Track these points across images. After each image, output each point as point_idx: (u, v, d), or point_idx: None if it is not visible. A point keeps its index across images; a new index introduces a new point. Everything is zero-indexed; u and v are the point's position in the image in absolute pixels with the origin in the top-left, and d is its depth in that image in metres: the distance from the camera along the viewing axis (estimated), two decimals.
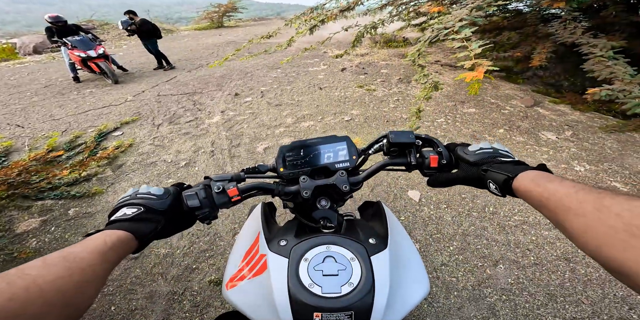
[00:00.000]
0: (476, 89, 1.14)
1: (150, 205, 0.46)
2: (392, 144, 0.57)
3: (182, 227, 0.52)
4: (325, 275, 0.44)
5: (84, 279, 0.32)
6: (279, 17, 16.17)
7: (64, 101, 4.23)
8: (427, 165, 0.55)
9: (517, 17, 3.85)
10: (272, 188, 0.58)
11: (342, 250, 0.48)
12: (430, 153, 0.55)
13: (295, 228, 0.57)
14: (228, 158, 2.62)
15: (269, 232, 0.59)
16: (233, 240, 1.80)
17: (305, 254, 0.47)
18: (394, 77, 4.45)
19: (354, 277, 0.44)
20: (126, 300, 1.45)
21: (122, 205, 0.47)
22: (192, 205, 0.49)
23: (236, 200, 0.53)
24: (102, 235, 0.38)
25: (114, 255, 0.37)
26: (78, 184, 2.33)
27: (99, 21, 11.70)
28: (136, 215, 0.44)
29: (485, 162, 0.48)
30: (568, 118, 3.05)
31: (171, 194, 0.51)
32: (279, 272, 0.46)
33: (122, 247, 0.39)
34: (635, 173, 2.18)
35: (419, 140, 0.58)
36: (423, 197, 2.02)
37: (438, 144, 0.56)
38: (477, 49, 1.14)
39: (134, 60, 6.66)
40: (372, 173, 0.59)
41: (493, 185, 0.44)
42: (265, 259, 0.50)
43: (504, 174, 0.43)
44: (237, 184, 0.54)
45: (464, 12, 1.57)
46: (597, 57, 1.89)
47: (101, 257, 0.35)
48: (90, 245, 0.36)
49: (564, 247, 1.61)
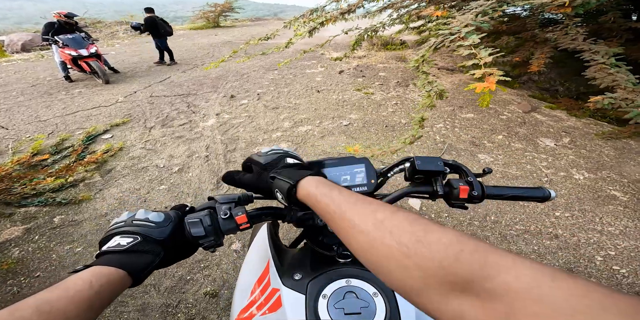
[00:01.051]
0: (488, 101, 1.10)
1: (149, 234, 0.40)
2: (418, 171, 0.53)
3: (183, 256, 0.46)
4: (347, 313, 0.40)
5: None
6: (276, 18, 16.10)
7: (52, 101, 4.08)
8: (455, 196, 0.50)
9: (515, 21, 3.86)
10: (284, 214, 0.53)
11: (364, 284, 0.44)
12: (460, 183, 0.51)
13: (309, 257, 0.53)
14: (223, 163, 2.54)
15: (280, 261, 0.54)
16: (229, 250, 1.73)
17: (324, 290, 0.43)
18: (392, 81, 4.42)
19: (378, 315, 0.40)
20: (117, 313, 1.39)
21: (116, 233, 0.41)
22: (196, 234, 0.44)
23: (245, 227, 0.47)
24: (88, 276, 0.32)
25: (102, 298, 0.31)
26: (64, 190, 2.23)
27: (92, 19, 11.44)
28: (132, 246, 0.38)
29: (275, 166, 0.46)
30: (565, 124, 3.06)
31: (172, 220, 0.45)
32: (296, 311, 0.42)
33: (113, 288, 0.33)
34: (633, 181, 2.18)
35: (447, 167, 0.53)
36: (424, 205, 1.98)
37: (467, 172, 0.52)
38: (488, 58, 1.09)
39: (126, 60, 6.50)
40: (392, 201, 0.54)
41: (280, 195, 0.42)
42: (278, 294, 0.46)
43: (287, 181, 0.41)
44: (245, 209, 0.48)
45: (469, 17, 1.53)
46: (599, 64, 1.88)
47: (85, 306, 0.29)
48: (71, 290, 0.29)
49: (566, 257, 1.59)
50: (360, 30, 3.22)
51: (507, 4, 1.86)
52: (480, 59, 1.11)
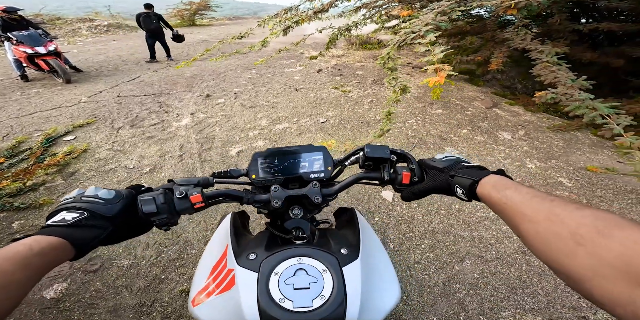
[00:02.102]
0: (438, 94, 1.20)
1: (96, 210, 0.41)
2: (368, 158, 0.57)
3: (137, 233, 0.47)
4: (296, 288, 0.43)
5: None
6: (255, 17, 15.84)
7: (5, 102, 3.76)
8: (399, 182, 0.56)
9: (479, 22, 4.12)
10: (240, 195, 0.55)
11: (314, 262, 0.47)
12: (404, 170, 0.56)
13: (266, 240, 0.55)
14: (198, 162, 2.50)
15: (238, 244, 0.56)
16: (204, 248, 1.71)
17: (276, 268, 0.46)
18: (369, 79, 4.55)
19: (325, 289, 0.43)
20: (86, 315, 1.34)
21: (62, 209, 0.41)
22: (148, 211, 0.45)
23: (199, 207, 0.50)
24: (28, 241, 0.34)
25: (41, 262, 0.33)
26: (22, 194, 2.08)
27: (49, 15, 10.58)
28: (76, 221, 0.39)
29: (452, 168, 0.50)
30: (521, 119, 3.33)
31: (123, 197, 0.46)
32: (248, 288, 0.44)
33: (54, 254, 0.35)
34: (578, 169, 2.43)
35: (394, 155, 0.58)
36: (396, 197, 2.08)
37: (412, 160, 0.57)
38: (440, 54, 1.19)
39: (90, 59, 6.12)
40: (345, 186, 0.59)
41: (460, 190, 0.46)
42: (233, 274, 0.48)
43: (469, 178, 0.45)
44: (202, 190, 0.51)
45: (429, 17, 1.64)
46: (543, 63, 2.08)
47: (21, 264, 0.31)
48: (10, 252, 0.31)
49: (519, 241, 1.73)
50: (334, 29, 3.29)
51: (465, 4, 2.00)
52: (433, 55, 1.21)
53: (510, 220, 0.36)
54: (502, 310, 1.37)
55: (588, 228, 0.27)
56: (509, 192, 0.38)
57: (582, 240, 0.26)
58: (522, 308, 1.38)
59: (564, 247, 0.28)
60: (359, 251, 0.52)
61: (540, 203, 0.33)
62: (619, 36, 3.48)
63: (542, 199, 0.34)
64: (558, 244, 0.28)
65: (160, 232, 1.78)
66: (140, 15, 5.63)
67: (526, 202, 0.34)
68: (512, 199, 0.36)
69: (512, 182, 0.41)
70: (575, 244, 0.27)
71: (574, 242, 0.27)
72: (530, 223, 0.32)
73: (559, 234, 0.28)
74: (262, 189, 0.61)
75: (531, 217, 0.33)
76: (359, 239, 0.57)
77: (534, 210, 0.33)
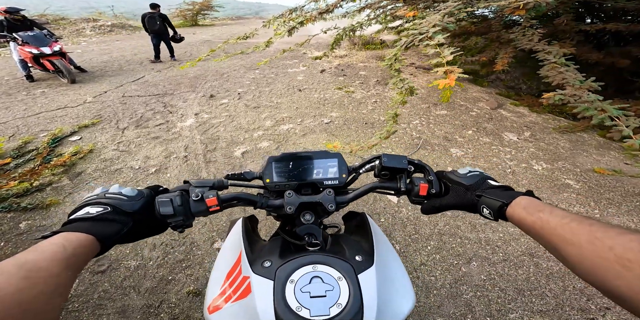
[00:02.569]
0: (448, 96, 1.20)
1: (119, 206, 0.42)
2: (384, 168, 0.57)
3: (152, 233, 0.48)
4: (312, 296, 0.43)
5: (47, 289, 0.28)
6: (257, 17, 15.86)
7: (11, 102, 3.79)
8: (416, 193, 0.55)
9: (484, 22, 4.11)
10: (254, 200, 0.55)
11: (329, 269, 0.46)
12: (421, 181, 0.55)
13: (279, 247, 0.55)
14: (203, 163, 2.50)
15: (252, 251, 0.56)
16: (211, 249, 1.72)
17: (291, 276, 0.45)
18: (372, 79, 4.54)
19: (342, 297, 0.43)
20: (95, 316, 1.35)
21: (87, 204, 0.42)
22: (165, 213, 0.46)
23: (214, 210, 0.50)
24: (60, 240, 0.34)
25: (76, 261, 0.33)
26: (29, 194, 2.10)
27: (54, 15, 10.65)
28: (100, 214, 0.40)
29: (478, 187, 0.50)
30: (527, 120, 3.31)
31: (144, 196, 0.47)
32: (264, 296, 0.44)
33: (84, 252, 0.35)
34: (585, 171, 2.42)
35: (411, 166, 0.58)
36: (402, 198, 2.08)
37: (430, 171, 0.56)
38: (449, 56, 1.19)
39: (95, 59, 6.15)
40: (359, 195, 0.58)
41: (487, 210, 0.46)
42: (248, 282, 0.48)
43: (498, 200, 0.44)
44: (217, 193, 0.51)
45: (437, 18, 1.64)
46: (551, 64, 2.07)
47: (63, 265, 0.31)
48: (48, 252, 0.31)
49: (527, 243, 1.73)
50: (339, 30, 3.29)
51: (472, 5, 1.99)
52: (442, 57, 1.20)
53: (549, 243, 0.37)
54: (509, 312, 1.36)
55: (635, 253, 0.28)
56: (544, 215, 0.38)
57: (630, 265, 0.27)
58: (530, 310, 1.37)
59: (611, 271, 0.28)
60: (373, 258, 0.52)
61: (580, 227, 0.33)
62: (624, 36, 3.46)
63: (579, 223, 0.34)
64: (604, 267, 0.29)
65: (166, 233, 1.79)
66: (145, 15, 5.64)
67: (565, 226, 0.35)
68: (549, 222, 0.37)
69: (544, 203, 0.41)
70: (623, 268, 0.28)
71: (621, 266, 0.28)
72: (573, 246, 0.33)
73: (605, 258, 0.29)
74: (275, 193, 0.60)
75: (572, 240, 0.33)
76: (372, 245, 0.56)
77: (574, 234, 0.33)
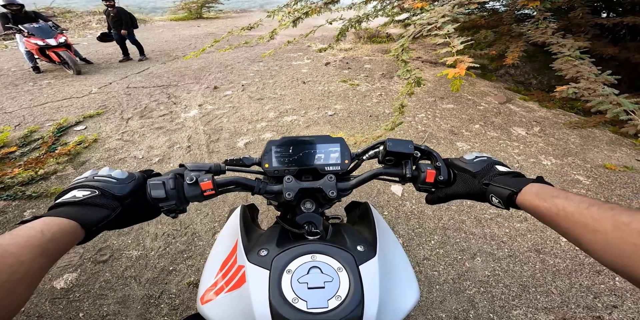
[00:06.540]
0: (458, 86, 1.16)
1: (108, 189, 0.40)
2: (389, 153, 0.53)
3: (144, 218, 0.45)
4: (310, 288, 0.40)
5: (12, 277, 0.27)
6: (262, 10, 15.63)
7: (17, 93, 3.82)
8: (422, 180, 0.51)
9: (494, 16, 3.99)
10: (252, 185, 0.53)
11: (329, 259, 0.44)
12: (428, 167, 0.52)
13: (277, 235, 0.52)
14: (206, 153, 2.50)
15: (248, 240, 0.54)
16: (213, 239, 1.72)
17: (288, 265, 0.43)
18: (377, 73, 4.46)
19: (341, 289, 0.41)
20: (96, 306, 1.35)
21: (74, 187, 0.40)
22: (156, 196, 0.43)
23: (209, 194, 0.47)
24: (39, 225, 0.32)
25: (54, 248, 0.31)
26: (34, 183, 2.11)
27: (60, 8, 10.64)
28: (87, 198, 0.37)
29: (485, 174, 0.47)
30: (536, 114, 3.23)
31: (135, 179, 0.44)
32: (259, 286, 0.41)
33: (65, 239, 0.33)
34: (595, 166, 2.35)
35: (417, 151, 0.54)
36: (405, 191, 2.05)
37: (437, 157, 0.53)
38: (459, 46, 1.14)
39: (100, 51, 6.15)
40: (362, 181, 0.55)
41: (496, 199, 0.43)
42: (243, 271, 0.45)
43: (507, 188, 0.42)
44: (213, 177, 0.48)
45: (446, 9, 1.58)
46: (565, 57, 2.00)
47: (37, 252, 0.29)
48: (22, 237, 0.30)
49: (534, 239, 1.70)
50: (345, 21, 3.22)
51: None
52: (452, 46, 1.16)
53: (567, 230, 0.34)
54: (513, 308, 1.34)
55: None
56: (559, 200, 0.35)
57: None
58: (535, 307, 1.34)
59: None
60: (375, 248, 0.49)
61: (601, 212, 0.31)
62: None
63: (599, 207, 0.31)
64: (634, 253, 0.27)
65: (168, 223, 1.79)
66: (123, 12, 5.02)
67: (584, 212, 0.32)
68: (565, 209, 0.34)
69: (558, 189, 0.38)
70: None
71: None
72: (596, 233, 0.30)
73: (635, 244, 0.27)
74: (275, 179, 0.58)
75: (594, 227, 0.30)
76: (375, 235, 0.53)
77: (596, 220, 0.31)
